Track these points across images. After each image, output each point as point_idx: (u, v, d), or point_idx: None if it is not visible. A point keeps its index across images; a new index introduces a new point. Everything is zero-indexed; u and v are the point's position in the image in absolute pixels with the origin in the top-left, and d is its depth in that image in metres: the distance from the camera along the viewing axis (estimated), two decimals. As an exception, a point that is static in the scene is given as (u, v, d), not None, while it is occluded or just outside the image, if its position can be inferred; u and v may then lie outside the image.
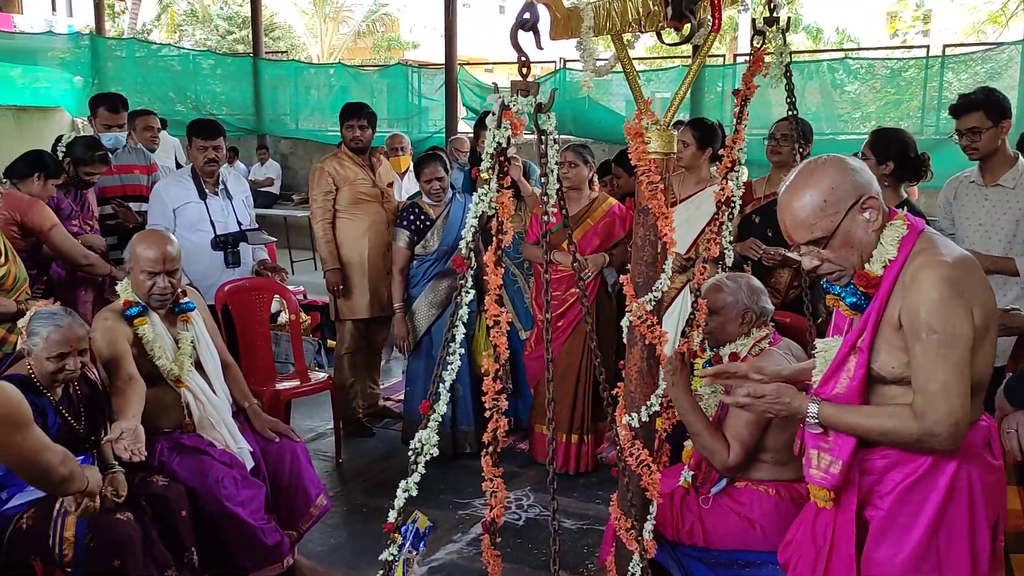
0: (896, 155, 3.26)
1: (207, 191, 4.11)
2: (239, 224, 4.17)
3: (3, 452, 1.82)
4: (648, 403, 2.40)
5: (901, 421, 1.73)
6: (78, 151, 4.08)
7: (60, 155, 4.04)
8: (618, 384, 2.49)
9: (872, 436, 1.78)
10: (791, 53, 2.91)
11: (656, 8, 2.15)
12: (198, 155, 4.09)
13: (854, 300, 1.80)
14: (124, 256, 2.99)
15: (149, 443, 2.67)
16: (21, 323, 2.54)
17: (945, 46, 10.48)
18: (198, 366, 3.01)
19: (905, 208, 3.26)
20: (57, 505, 2.44)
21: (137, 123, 5.39)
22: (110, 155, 4.47)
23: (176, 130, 11.81)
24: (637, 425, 2.39)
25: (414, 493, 1.99)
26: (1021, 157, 3.00)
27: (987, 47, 10.01)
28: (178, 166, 6.10)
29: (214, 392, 2.99)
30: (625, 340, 2.47)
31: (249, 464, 2.90)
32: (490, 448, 2.13)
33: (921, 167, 3.29)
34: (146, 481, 2.68)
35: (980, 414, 1.83)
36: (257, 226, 4.29)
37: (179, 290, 3.01)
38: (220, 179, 4.18)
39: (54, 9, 28.93)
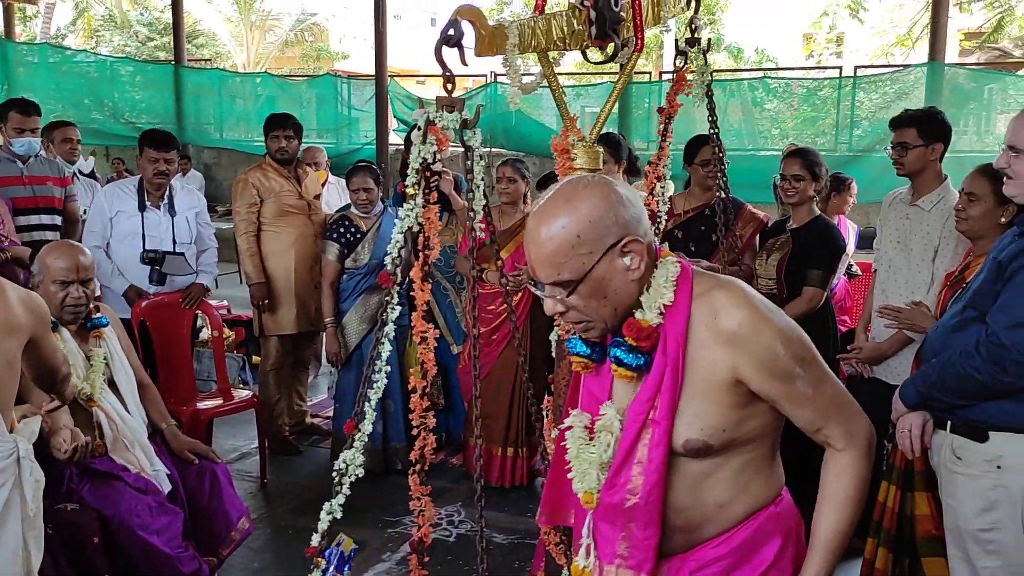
0: (825, 171, 3.43)
1: (147, 203, 4.03)
2: (175, 243, 4.06)
3: (37, 349, 2.17)
4: (576, 417, 2.41)
5: (850, 478, 1.47)
6: None
7: None
8: (547, 397, 2.50)
9: (854, 523, 1.48)
10: (712, 73, 2.99)
11: (580, 27, 2.18)
12: (148, 166, 4.00)
13: (631, 359, 1.43)
14: (32, 270, 2.86)
15: (58, 468, 2.55)
16: None
17: (857, 67, 10.96)
18: (111, 385, 2.90)
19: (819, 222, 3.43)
20: None
21: (55, 135, 5.21)
22: (19, 163, 4.29)
23: (92, 139, 11.45)
24: (565, 439, 2.39)
25: (338, 516, 1.95)
26: (948, 182, 3.08)
27: (895, 69, 10.52)
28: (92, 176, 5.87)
29: (128, 412, 2.88)
30: (554, 354, 2.49)
31: (166, 488, 2.80)
32: (417, 466, 2.11)
33: None
34: (54, 509, 2.55)
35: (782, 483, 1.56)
36: (184, 252, 4.11)
37: (91, 305, 2.90)
38: (167, 193, 4.09)
39: (-40, 11, 27.58)
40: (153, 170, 3.98)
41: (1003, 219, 2.48)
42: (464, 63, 1.92)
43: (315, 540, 2.00)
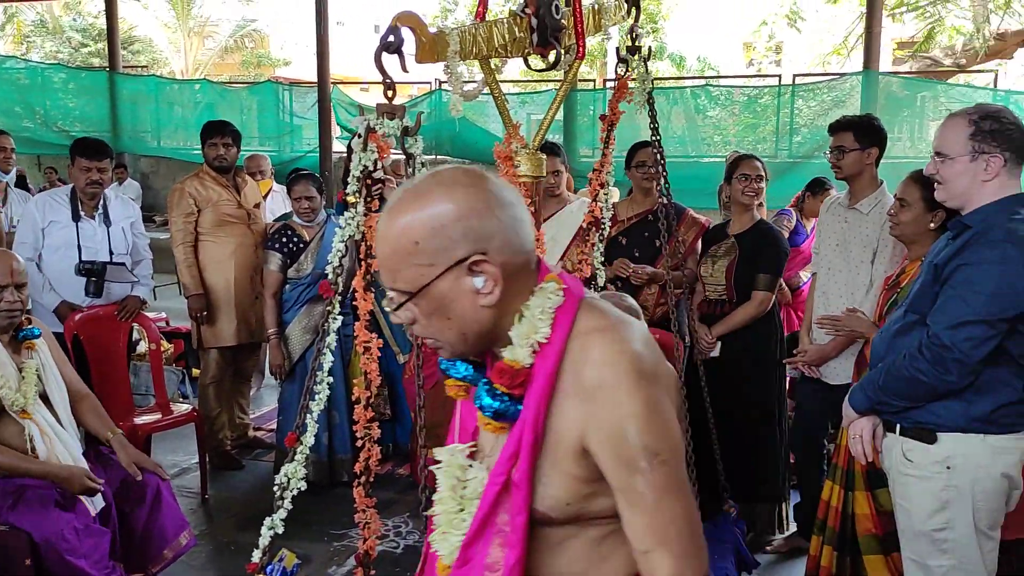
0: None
1: (82, 214, 3.91)
2: (111, 253, 3.95)
3: None
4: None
5: None
6: None
7: None
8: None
9: None
10: (654, 80, 3.02)
11: (522, 35, 2.18)
12: (80, 176, 3.87)
13: (497, 406, 1.18)
14: None
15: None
16: None
17: (795, 75, 11.23)
18: (44, 399, 2.80)
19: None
20: None
21: None
22: None
23: (24, 148, 11.09)
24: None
25: (280, 530, 1.91)
26: (885, 186, 3.16)
27: (832, 77, 10.81)
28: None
29: (62, 426, 2.78)
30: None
31: (99, 503, 2.71)
32: (362, 478, 2.08)
33: None
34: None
35: None
36: (124, 262, 4.02)
37: (24, 316, 2.81)
38: (101, 202, 3.97)
39: None
40: (86, 180, 3.86)
41: (932, 224, 2.56)
42: (405, 70, 1.90)
43: (256, 556, 1.95)
